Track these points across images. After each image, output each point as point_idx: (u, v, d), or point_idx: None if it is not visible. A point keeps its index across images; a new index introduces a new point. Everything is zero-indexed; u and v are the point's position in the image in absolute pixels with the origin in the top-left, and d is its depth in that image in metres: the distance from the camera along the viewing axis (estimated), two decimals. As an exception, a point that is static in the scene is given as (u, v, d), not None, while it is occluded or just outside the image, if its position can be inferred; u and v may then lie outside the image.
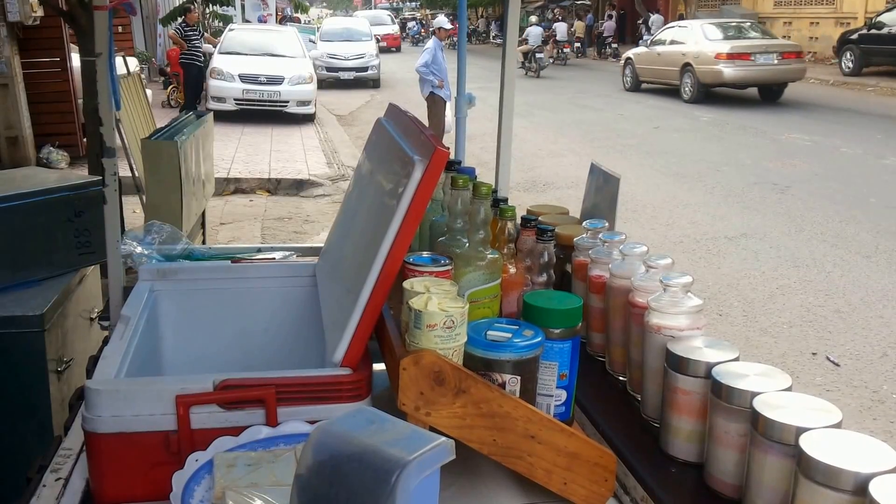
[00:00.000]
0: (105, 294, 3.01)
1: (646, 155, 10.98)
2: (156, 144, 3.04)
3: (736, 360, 1.34)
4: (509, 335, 1.29)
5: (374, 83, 21.36)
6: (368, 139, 1.80)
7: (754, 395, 1.19)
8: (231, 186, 9.29)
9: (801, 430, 1.09)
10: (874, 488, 0.94)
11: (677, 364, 1.35)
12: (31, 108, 8.68)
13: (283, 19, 29.40)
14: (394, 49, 25.74)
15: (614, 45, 28.26)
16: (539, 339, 1.30)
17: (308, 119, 14.33)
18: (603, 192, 2.03)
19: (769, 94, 16.11)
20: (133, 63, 9.78)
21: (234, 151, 11.08)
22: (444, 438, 0.88)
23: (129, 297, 1.69)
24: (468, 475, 1.42)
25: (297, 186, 9.40)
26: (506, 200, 1.70)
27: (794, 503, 1.06)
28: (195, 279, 1.81)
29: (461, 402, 1.22)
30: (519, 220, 1.57)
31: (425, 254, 1.45)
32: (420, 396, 1.21)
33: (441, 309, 1.22)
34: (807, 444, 1.04)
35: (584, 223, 1.87)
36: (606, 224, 1.84)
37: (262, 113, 13.94)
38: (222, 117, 13.64)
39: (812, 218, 7.75)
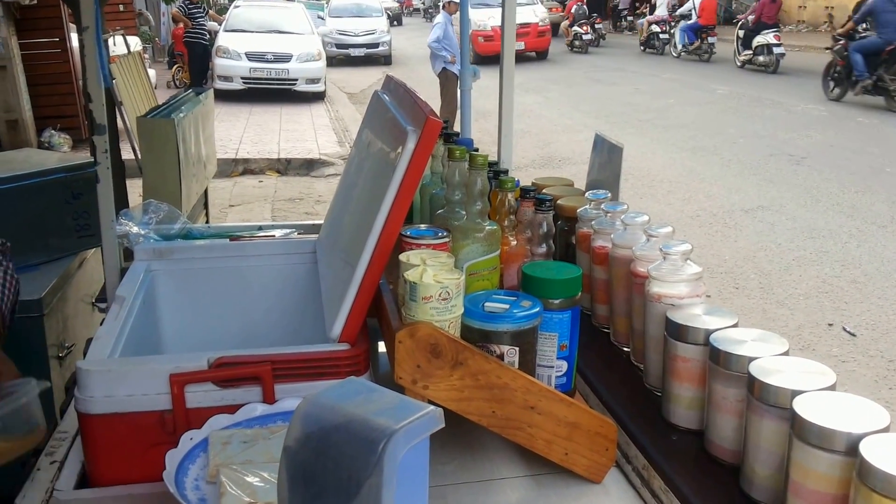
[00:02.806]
0: (107, 277, 3.00)
1: (662, 129, 10.87)
2: (152, 122, 3.00)
3: (734, 326, 1.31)
4: (507, 306, 1.27)
5: (385, 60, 21.07)
6: (366, 111, 1.77)
7: (751, 360, 1.18)
8: (240, 167, 9.27)
9: (795, 394, 1.07)
10: (864, 448, 0.93)
11: (677, 332, 1.33)
12: (31, 90, 8.54)
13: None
14: (535, 54, 20.10)
15: (629, 18, 27.83)
16: (537, 309, 1.28)
17: (318, 97, 14.25)
18: (607, 162, 1.99)
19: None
20: (134, 42, 9.71)
21: (241, 131, 11.05)
22: (432, 407, 0.86)
23: (124, 277, 1.68)
24: (470, 450, 1.41)
25: (308, 166, 9.36)
26: (506, 172, 1.67)
27: (789, 466, 1.05)
28: (193, 258, 1.79)
29: (459, 374, 1.21)
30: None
31: (423, 226, 1.43)
32: (417, 369, 1.19)
33: (436, 281, 1.20)
34: (800, 406, 1.03)
35: (587, 194, 1.84)
36: (609, 195, 1.81)
37: (270, 92, 13.87)
38: (229, 97, 13.61)
39: (828, 189, 7.67)
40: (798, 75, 15.24)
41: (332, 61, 19.87)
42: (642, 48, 21.29)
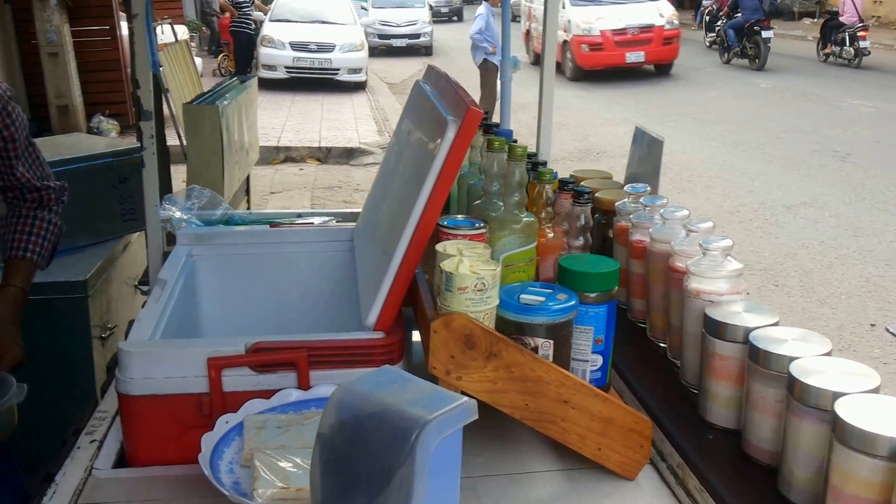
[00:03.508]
0: (150, 261, 3.06)
1: (703, 123, 10.70)
2: (197, 109, 3.05)
3: (775, 324, 1.29)
4: (542, 299, 1.26)
5: (426, 50, 21.09)
6: (407, 101, 1.77)
7: (791, 359, 1.15)
8: (281, 155, 9.35)
9: (837, 396, 1.05)
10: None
11: (715, 329, 1.31)
12: (81, 76, 8.73)
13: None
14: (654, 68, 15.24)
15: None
16: (573, 302, 1.27)
17: (359, 87, 14.31)
18: (647, 155, 1.97)
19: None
20: (182, 31, 9.83)
21: (284, 120, 11.15)
22: (466, 398, 0.86)
23: (166, 261, 1.71)
24: (502, 442, 1.40)
25: (348, 155, 9.41)
26: (545, 164, 1.66)
27: (829, 470, 1.02)
28: (233, 244, 1.81)
29: (492, 365, 1.20)
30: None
31: (460, 217, 1.43)
32: (451, 360, 1.19)
33: (472, 271, 1.20)
34: (842, 409, 1.00)
35: (625, 187, 1.82)
36: (648, 188, 1.79)
37: (312, 81, 13.96)
38: (273, 85, 13.73)
39: (873, 186, 7.49)
40: (845, 70, 14.88)
41: (375, 51, 19.86)
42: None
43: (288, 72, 13.90)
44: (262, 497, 1.05)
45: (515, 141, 1.84)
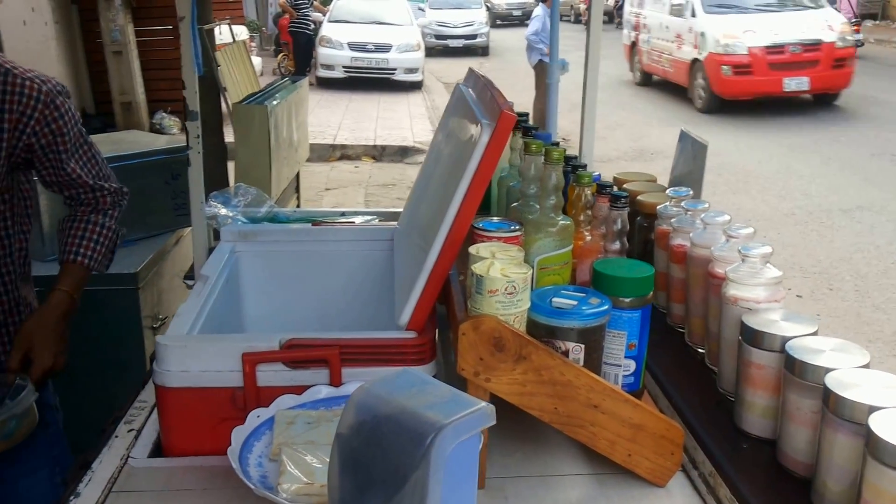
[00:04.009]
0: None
1: (759, 124, 10.45)
2: (247, 109, 3.11)
3: (814, 334, 1.26)
4: (575, 303, 1.25)
5: (482, 51, 21.09)
6: (448, 103, 1.78)
7: (828, 370, 1.12)
8: (337, 153, 9.47)
9: (872, 409, 1.02)
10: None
11: (752, 337, 1.28)
12: (145, 74, 9.00)
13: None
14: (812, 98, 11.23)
15: None
16: (606, 307, 1.26)
17: (415, 86, 14.41)
18: (692, 159, 1.94)
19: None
20: (241, 31, 10.02)
21: (341, 118, 11.28)
22: (484, 403, 0.86)
23: (209, 257, 1.74)
24: (533, 444, 1.40)
25: (402, 153, 9.49)
26: (584, 167, 1.64)
27: (861, 484, 0.99)
28: (275, 241, 1.84)
29: (521, 368, 1.20)
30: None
31: (495, 219, 1.43)
32: (479, 362, 1.19)
33: (503, 275, 1.20)
34: (876, 423, 0.97)
35: (668, 191, 1.80)
36: (691, 192, 1.76)
37: (369, 80, 14.12)
38: (331, 85, 13.94)
39: (931, 191, 7.23)
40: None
41: (431, 52, 19.89)
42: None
43: (346, 71, 14.10)
44: (286, 492, 1.07)
45: (557, 143, 1.84)
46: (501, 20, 25.77)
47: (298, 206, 4.12)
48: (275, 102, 3.19)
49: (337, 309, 1.86)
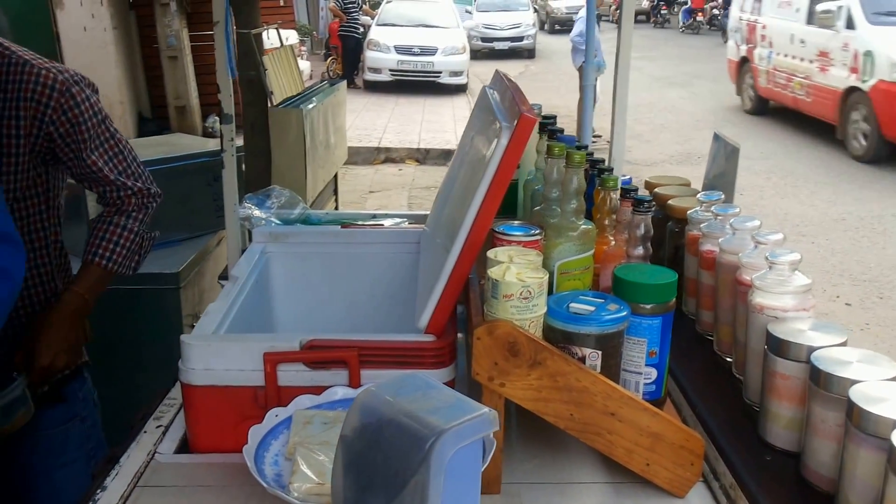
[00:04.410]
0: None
1: (811, 125, 10.20)
2: (282, 112, 3.15)
3: (842, 344, 1.23)
4: (593, 308, 1.24)
5: (528, 53, 21.00)
6: (474, 106, 1.78)
7: (854, 383, 1.09)
8: (381, 156, 9.54)
9: (897, 425, 0.99)
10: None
11: (777, 346, 1.25)
12: (198, 79, 9.18)
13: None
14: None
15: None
16: (624, 313, 1.25)
17: (460, 89, 14.42)
18: (724, 162, 1.91)
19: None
20: (290, 35, 10.15)
21: (386, 121, 11.36)
22: (486, 409, 0.86)
23: (240, 258, 1.77)
24: (550, 450, 1.39)
25: (446, 156, 9.50)
26: (611, 170, 1.63)
27: (883, 501, 0.96)
28: (305, 242, 1.86)
29: (537, 374, 1.19)
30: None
31: (516, 223, 1.43)
32: (494, 367, 1.19)
33: (518, 279, 1.19)
34: (901, 441, 0.94)
35: (698, 195, 1.77)
36: (722, 196, 1.73)
37: (415, 83, 14.19)
38: (378, 88, 14.05)
39: None
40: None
41: (478, 54, 19.85)
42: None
43: (392, 74, 14.20)
44: (297, 491, 1.08)
45: (586, 147, 1.82)
46: (560, 25, 25.53)
47: (336, 208, 4.15)
48: (310, 106, 3.22)
49: (366, 311, 1.87)
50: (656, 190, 1.99)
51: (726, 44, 12.00)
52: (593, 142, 2.41)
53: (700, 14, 24.26)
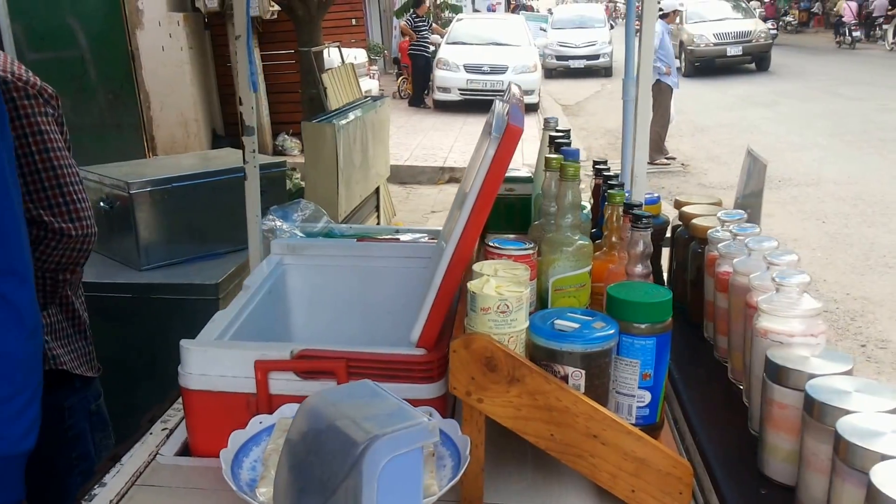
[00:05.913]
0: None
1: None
2: (315, 127, 3.19)
3: (847, 373, 1.16)
4: (577, 325, 1.21)
5: (605, 71, 20.64)
6: (487, 120, 1.77)
7: (846, 413, 1.02)
8: (445, 175, 9.58)
9: (885, 458, 0.92)
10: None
11: (775, 373, 1.19)
12: (269, 97, 9.45)
13: (515, 8, 29.54)
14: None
15: (885, 27, 23.87)
16: (612, 332, 1.21)
17: (531, 108, 14.36)
18: (752, 179, 1.84)
19: None
20: (359, 54, 10.30)
21: (453, 141, 11.41)
22: (424, 419, 0.84)
23: (255, 269, 1.80)
24: (544, 472, 1.35)
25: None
26: (622, 185, 1.59)
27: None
28: (321, 255, 1.88)
29: (515, 391, 1.16)
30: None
31: (511, 236, 1.40)
32: (471, 381, 1.17)
33: (497, 293, 1.17)
34: (878, 476, 0.88)
35: (718, 213, 1.71)
36: (745, 215, 1.66)
37: (485, 103, 14.17)
38: (447, 107, 14.09)
39: None
40: None
41: (553, 73, 19.78)
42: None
43: (461, 94, 14.18)
44: (263, 496, 1.08)
45: (600, 166, 1.78)
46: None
47: (378, 223, 4.17)
48: (344, 121, 3.25)
49: (383, 324, 1.87)
50: (683, 209, 1.94)
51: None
52: (666, 163, 2.36)
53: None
